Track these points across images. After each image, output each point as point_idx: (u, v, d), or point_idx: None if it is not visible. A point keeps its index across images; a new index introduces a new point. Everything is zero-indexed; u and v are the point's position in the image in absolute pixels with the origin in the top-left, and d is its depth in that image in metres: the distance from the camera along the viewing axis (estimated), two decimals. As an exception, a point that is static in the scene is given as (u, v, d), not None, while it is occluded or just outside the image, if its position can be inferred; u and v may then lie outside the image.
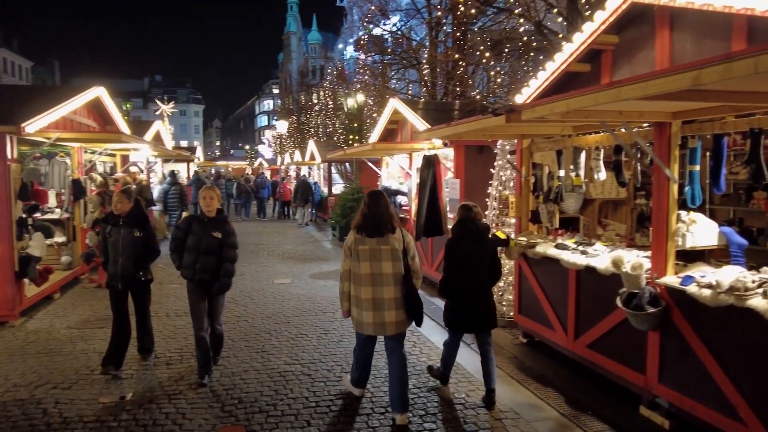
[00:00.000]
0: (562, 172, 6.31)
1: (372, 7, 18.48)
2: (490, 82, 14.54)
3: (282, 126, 35.93)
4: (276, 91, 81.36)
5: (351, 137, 24.94)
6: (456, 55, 14.78)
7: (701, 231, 5.01)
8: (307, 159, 25.96)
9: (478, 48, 14.14)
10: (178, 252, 5.45)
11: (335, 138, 28.37)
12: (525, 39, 12.69)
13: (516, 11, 11.99)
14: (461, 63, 14.91)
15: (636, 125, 4.93)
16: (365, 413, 4.75)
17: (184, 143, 61.33)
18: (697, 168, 4.59)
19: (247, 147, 75.11)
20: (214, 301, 5.53)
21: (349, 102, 25.88)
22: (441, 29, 16.77)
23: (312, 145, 25.22)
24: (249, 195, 24.00)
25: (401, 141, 12.38)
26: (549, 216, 6.78)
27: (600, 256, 5.33)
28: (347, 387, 5.15)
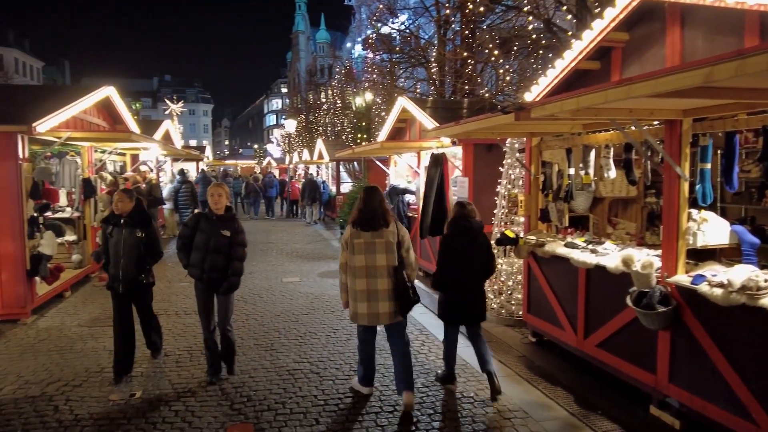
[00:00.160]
0: (571, 170, 6.28)
1: (380, 6, 18.46)
2: (499, 80, 14.49)
3: (290, 125, 36.07)
4: (284, 90, 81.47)
5: (359, 136, 24.98)
6: (464, 53, 14.73)
7: (712, 229, 4.97)
8: (316, 158, 26.03)
9: (486, 46, 14.08)
10: (185, 250, 5.31)
11: (343, 137, 28.43)
12: (534, 37, 12.62)
13: (525, 9, 11.94)
14: (470, 61, 14.86)
15: (646, 123, 4.90)
16: (374, 411, 4.75)
17: (193, 142, 61.68)
18: (709, 166, 4.55)
19: (256, 146, 75.32)
20: (222, 300, 5.37)
21: (358, 101, 25.91)
22: (449, 27, 16.74)
23: (320, 144, 25.27)
24: (257, 194, 24.11)
25: (409, 139, 12.35)
26: (558, 215, 6.74)
27: (610, 254, 5.30)
28: (355, 386, 5.18)
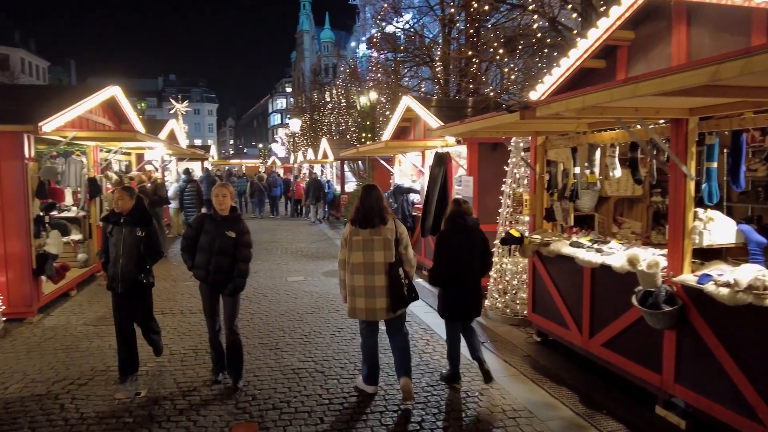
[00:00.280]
0: (577, 169, 6.26)
1: (384, 5, 18.49)
2: (503, 79, 14.44)
3: (295, 124, 36.02)
4: (289, 90, 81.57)
5: (364, 135, 24.97)
6: (469, 52, 14.71)
7: (718, 229, 4.93)
8: (320, 157, 26.01)
9: (491, 45, 14.04)
10: (189, 252, 5.22)
11: (348, 136, 28.44)
12: (539, 35, 12.58)
13: (530, 7, 11.92)
14: (474, 60, 14.84)
15: (652, 122, 4.87)
16: (378, 410, 4.75)
17: (198, 142, 61.66)
18: (715, 165, 4.51)
19: (261, 145, 75.43)
20: (228, 301, 5.22)
21: (362, 100, 25.88)
22: (454, 26, 16.73)
23: (325, 144, 25.25)
24: (262, 193, 24.15)
25: (414, 139, 12.34)
26: (563, 214, 6.72)
27: (615, 254, 5.28)
28: (360, 385, 5.18)
